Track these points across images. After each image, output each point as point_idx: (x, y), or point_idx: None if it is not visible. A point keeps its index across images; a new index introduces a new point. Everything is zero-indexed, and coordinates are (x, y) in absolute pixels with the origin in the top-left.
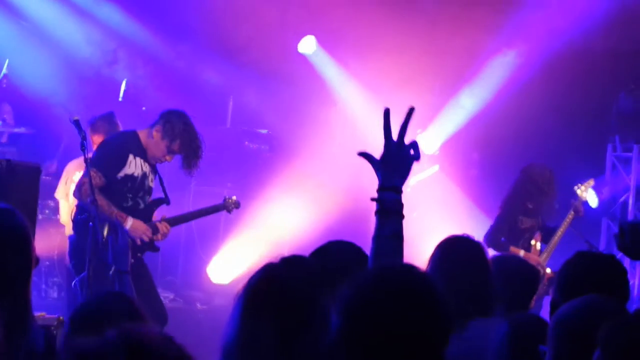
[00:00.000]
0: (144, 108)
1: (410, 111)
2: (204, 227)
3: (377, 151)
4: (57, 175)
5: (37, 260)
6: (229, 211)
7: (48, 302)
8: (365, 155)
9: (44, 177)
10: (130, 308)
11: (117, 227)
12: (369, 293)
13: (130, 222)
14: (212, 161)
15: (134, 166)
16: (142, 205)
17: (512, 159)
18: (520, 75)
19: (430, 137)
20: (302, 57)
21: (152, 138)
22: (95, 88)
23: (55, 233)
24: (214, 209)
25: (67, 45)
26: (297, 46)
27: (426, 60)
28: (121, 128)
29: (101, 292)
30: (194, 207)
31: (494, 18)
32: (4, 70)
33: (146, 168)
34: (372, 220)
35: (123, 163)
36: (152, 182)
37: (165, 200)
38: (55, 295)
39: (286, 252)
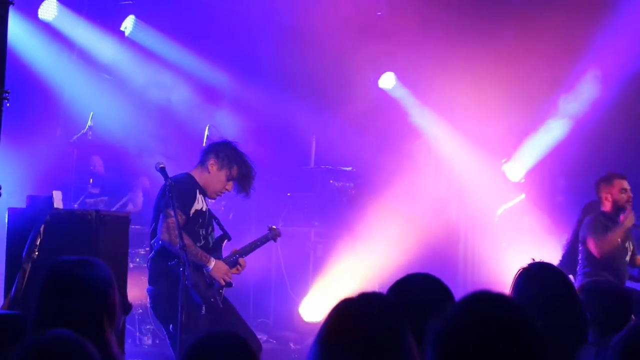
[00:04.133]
0: None
1: None
2: (293, 267)
3: (460, 184)
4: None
5: (130, 306)
6: (275, 240)
7: (143, 350)
8: None
9: (133, 226)
10: (245, 346)
11: (201, 269)
12: (462, 326)
13: (213, 263)
14: (298, 201)
15: (201, 201)
16: (211, 244)
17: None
18: (605, 98)
19: (515, 166)
20: (383, 93)
21: (209, 172)
22: (180, 134)
23: (146, 281)
24: (265, 239)
25: (150, 95)
26: (376, 82)
27: (508, 89)
28: None
29: (213, 331)
30: (282, 248)
31: (574, 45)
32: (89, 123)
33: (207, 206)
34: (458, 253)
35: (194, 198)
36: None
37: (227, 236)
38: (149, 342)
39: (376, 287)
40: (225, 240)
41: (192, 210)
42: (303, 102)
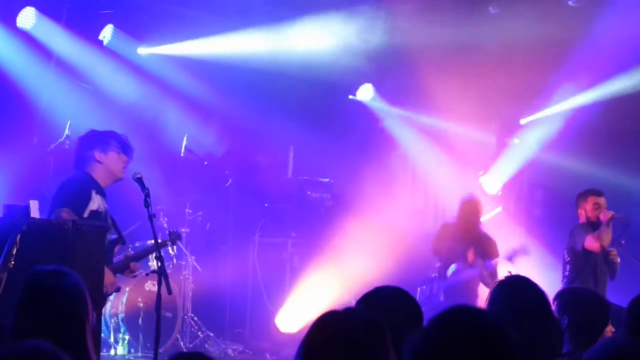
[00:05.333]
0: (205, 162)
1: None
2: (270, 277)
3: (437, 196)
4: None
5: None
6: (174, 243)
7: (117, 359)
8: None
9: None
10: None
11: None
12: (439, 339)
13: None
14: (276, 212)
15: (98, 202)
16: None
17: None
18: (582, 111)
19: (492, 178)
20: (361, 105)
21: (102, 162)
22: (157, 144)
23: (122, 291)
24: (163, 244)
25: (128, 105)
26: (354, 94)
27: (486, 102)
28: None
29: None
30: (259, 258)
31: (554, 56)
32: (67, 131)
33: (105, 206)
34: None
35: (88, 198)
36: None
37: (121, 240)
38: (125, 352)
39: (353, 298)
40: (119, 245)
41: (87, 211)
42: (281, 113)
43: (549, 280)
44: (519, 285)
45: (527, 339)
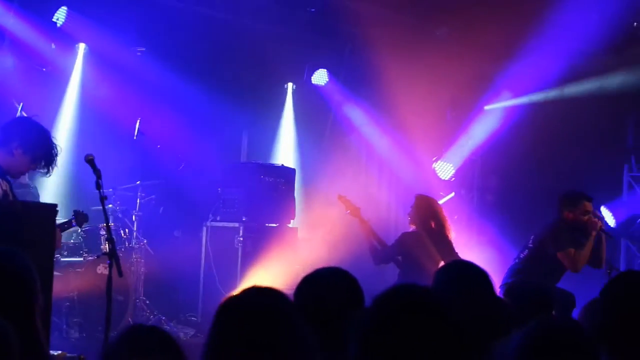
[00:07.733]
0: (159, 146)
1: None
2: (222, 262)
3: (391, 181)
4: None
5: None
6: (80, 225)
7: (69, 342)
8: None
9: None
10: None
11: None
12: (383, 316)
13: None
14: (228, 196)
15: None
16: None
17: (529, 183)
18: (538, 97)
19: (445, 164)
20: (315, 89)
21: (14, 156)
22: (109, 127)
23: (74, 274)
24: (69, 224)
25: (80, 87)
26: (309, 79)
27: (438, 87)
28: None
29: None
30: (211, 242)
31: (506, 44)
32: (19, 114)
33: (5, 186)
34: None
35: None
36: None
37: None
38: (76, 335)
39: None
40: None
41: None
42: (234, 97)
43: (499, 265)
44: (462, 267)
45: (471, 318)
